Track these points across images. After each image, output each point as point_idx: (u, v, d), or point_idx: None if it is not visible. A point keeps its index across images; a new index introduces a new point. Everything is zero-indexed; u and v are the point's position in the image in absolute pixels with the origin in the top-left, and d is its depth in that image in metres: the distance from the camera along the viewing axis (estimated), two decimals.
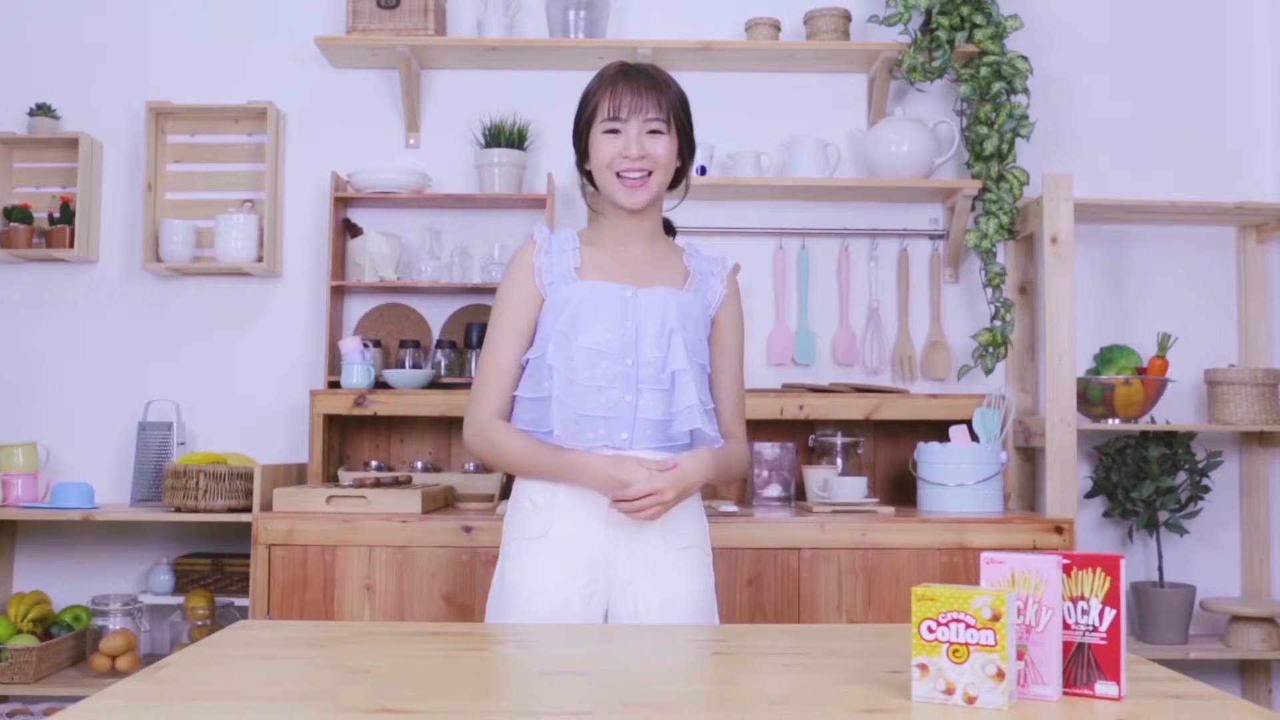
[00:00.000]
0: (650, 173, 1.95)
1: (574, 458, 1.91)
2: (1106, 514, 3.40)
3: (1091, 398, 3.25)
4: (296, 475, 3.22)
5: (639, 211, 1.98)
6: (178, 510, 3.03)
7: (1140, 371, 3.31)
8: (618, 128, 1.93)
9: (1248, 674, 3.41)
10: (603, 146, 1.94)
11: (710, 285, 2.04)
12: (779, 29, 3.39)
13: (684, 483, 1.89)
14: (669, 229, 2.13)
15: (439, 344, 3.36)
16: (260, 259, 3.34)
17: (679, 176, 2.03)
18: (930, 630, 1.24)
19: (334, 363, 3.30)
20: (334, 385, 3.26)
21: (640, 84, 1.94)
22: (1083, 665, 1.29)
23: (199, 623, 3.11)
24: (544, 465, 1.93)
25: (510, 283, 2.00)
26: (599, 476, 1.89)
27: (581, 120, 1.99)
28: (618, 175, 1.94)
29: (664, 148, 1.94)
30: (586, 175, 2.03)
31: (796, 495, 3.26)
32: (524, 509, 1.97)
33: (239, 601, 3.16)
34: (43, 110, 3.39)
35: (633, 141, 1.92)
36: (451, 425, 3.35)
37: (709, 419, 1.95)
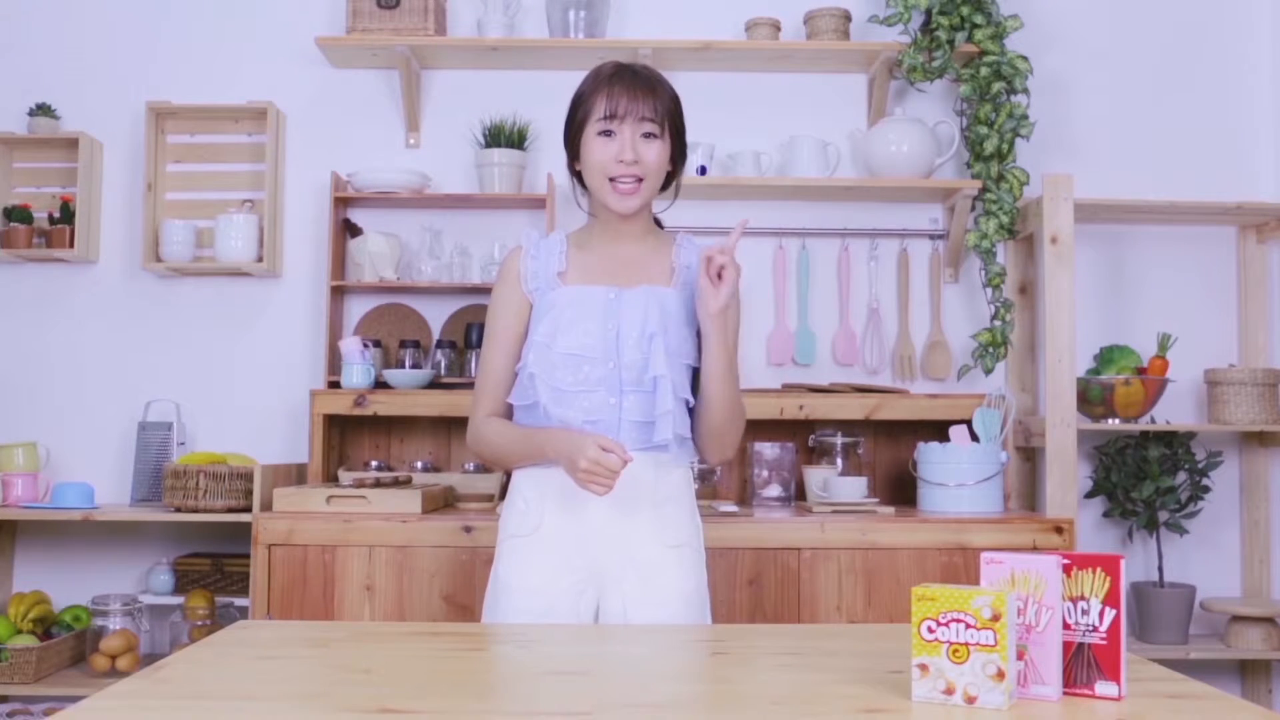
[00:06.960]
0: (641, 179, 1.92)
1: (545, 434, 1.88)
2: (1106, 514, 3.40)
3: (1091, 398, 3.25)
4: (296, 475, 3.22)
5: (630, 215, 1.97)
6: (178, 510, 3.04)
7: (1140, 371, 3.31)
8: (612, 129, 1.90)
9: (1248, 674, 3.41)
10: (596, 149, 1.91)
11: (694, 277, 1.96)
12: (779, 29, 3.39)
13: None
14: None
15: (439, 344, 3.36)
16: (260, 259, 3.34)
17: (669, 179, 2.00)
18: (930, 630, 1.24)
19: (334, 363, 3.30)
20: (334, 385, 3.26)
21: (636, 86, 1.91)
22: (1083, 665, 1.29)
23: (199, 623, 3.11)
24: (521, 446, 1.92)
25: (499, 289, 2.01)
26: (559, 451, 1.85)
27: (574, 121, 1.96)
28: (610, 180, 1.92)
29: (656, 154, 1.92)
30: (577, 176, 2.00)
31: (796, 495, 3.27)
32: (517, 507, 1.97)
33: (239, 601, 3.15)
34: (43, 110, 3.39)
35: (627, 145, 1.89)
36: (451, 425, 3.35)
37: (688, 420, 1.94)
